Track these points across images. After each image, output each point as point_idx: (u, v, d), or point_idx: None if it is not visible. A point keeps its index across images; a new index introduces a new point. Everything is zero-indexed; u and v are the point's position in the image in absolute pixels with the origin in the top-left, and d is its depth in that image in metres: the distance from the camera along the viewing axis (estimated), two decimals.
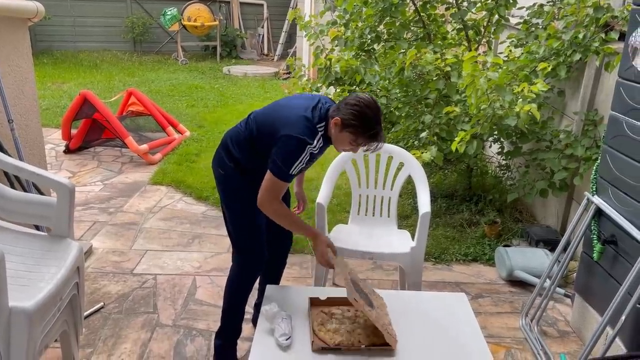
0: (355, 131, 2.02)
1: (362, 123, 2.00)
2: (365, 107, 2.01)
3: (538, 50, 3.35)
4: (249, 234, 2.32)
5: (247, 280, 2.42)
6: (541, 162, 3.40)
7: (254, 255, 2.36)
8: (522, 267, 3.22)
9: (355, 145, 2.08)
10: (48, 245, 2.10)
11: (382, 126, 2.10)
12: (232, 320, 2.44)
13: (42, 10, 2.83)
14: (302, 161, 2.04)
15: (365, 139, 2.05)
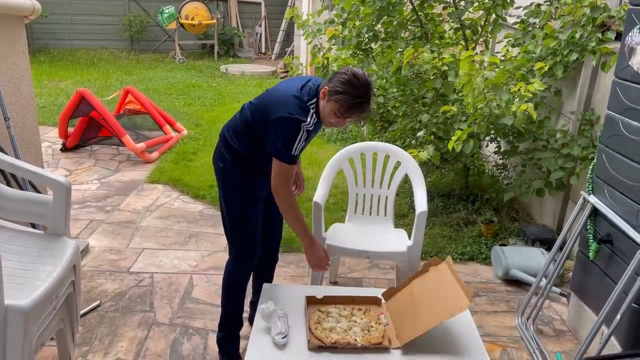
0: (340, 98, 2.00)
1: (347, 90, 1.99)
2: (353, 76, 2.00)
3: (535, 50, 3.35)
4: (244, 228, 2.34)
5: (241, 273, 2.44)
6: (538, 161, 3.41)
7: (247, 250, 2.38)
8: (518, 266, 3.23)
9: (340, 116, 2.05)
10: (44, 243, 2.10)
11: (371, 99, 2.07)
12: (232, 312, 2.47)
13: (39, 7, 2.82)
14: (300, 140, 2.04)
15: (348, 108, 2.02)
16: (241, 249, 2.39)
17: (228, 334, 2.49)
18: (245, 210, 2.30)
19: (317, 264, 2.31)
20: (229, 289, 2.46)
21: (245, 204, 2.29)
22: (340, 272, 3.29)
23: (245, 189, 2.27)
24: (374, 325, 2.05)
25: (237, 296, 2.47)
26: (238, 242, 2.40)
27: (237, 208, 2.33)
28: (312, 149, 5.57)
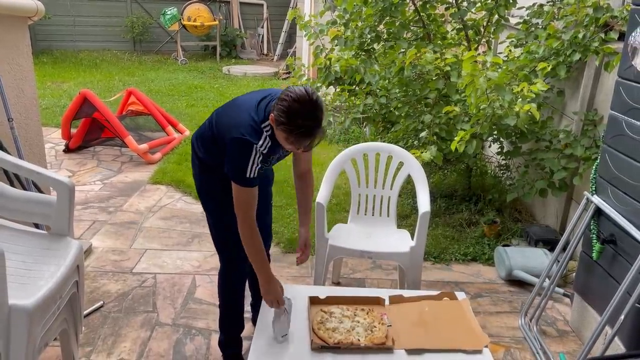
0: (285, 129, 1.83)
1: (290, 119, 1.81)
2: (293, 102, 1.80)
3: (538, 50, 3.35)
4: (226, 234, 2.25)
5: (234, 280, 2.39)
6: (540, 162, 3.40)
7: (234, 256, 2.28)
8: (521, 266, 3.22)
9: (289, 144, 1.89)
10: (48, 243, 2.10)
11: (322, 119, 1.86)
12: (230, 315, 2.45)
13: (42, 9, 2.83)
14: (253, 162, 1.92)
15: (295, 136, 1.84)
16: (227, 255, 2.33)
17: (229, 336, 2.47)
18: (225, 217, 2.18)
19: (272, 301, 2.10)
20: (224, 295, 2.43)
21: (222, 211, 2.19)
22: (342, 272, 3.29)
23: (220, 196, 2.16)
24: (377, 325, 2.05)
25: (233, 301, 2.42)
26: (222, 249, 2.33)
27: (216, 216, 2.28)
28: (315, 150, 5.55)
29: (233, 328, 2.46)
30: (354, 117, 3.85)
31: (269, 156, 2.02)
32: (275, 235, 3.73)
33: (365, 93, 3.90)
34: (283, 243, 3.64)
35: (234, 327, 2.47)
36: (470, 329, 2.07)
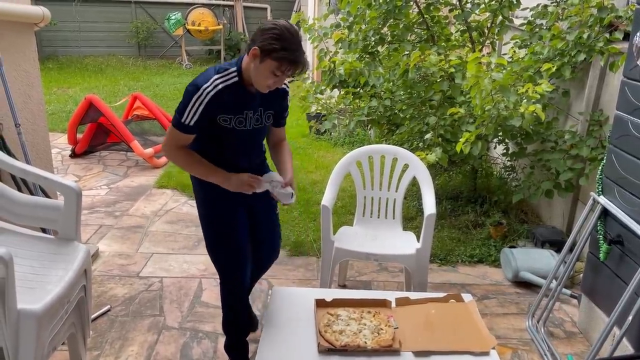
0: (279, 56, 1.85)
1: (284, 45, 1.85)
2: (285, 30, 1.87)
3: (542, 51, 3.34)
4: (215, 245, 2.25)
5: (231, 289, 2.34)
6: (546, 162, 3.40)
7: (224, 265, 2.28)
8: (527, 268, 3.21)
9: (280, 72, 1.89)
10: (55, 248, 2.12)
11: (303, 50, 1.92)
12: (232, 321, 2.44)
13: (48, 15, 2.86)
14: (194, 106, 1.92)
15: (289, 63, 1.87)
16: (219, 265, 2.29)
17: (233, 340, 2.46)
18: (209, 223, 2.21)
19: (242, 188, 2.05)
20: (225, 301, 2.39)
21: (208, 219, 2.21)
22: (348, 275, 3.29)
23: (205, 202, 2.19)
24: (384, 327, 2.05)
25: (234, 308, 2.40)
26: (214, 259, 2.29)
27: (203, 221, 2.25)
28: (319, 153, 5.59)
29: (237, 332, 2.46)
30: (359, 120, 3.86)
31: (214, 103, 1.94)
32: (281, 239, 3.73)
33: (369, 95, 3.90)
34: (289, 246, 3.64)
35: (238, 331, 2.46)
36: (477, 331, 2.06)
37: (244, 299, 2.45)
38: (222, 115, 1.99)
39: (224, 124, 2.01)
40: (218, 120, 2.00)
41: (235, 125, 2.02)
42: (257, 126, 2.11)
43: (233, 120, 2.01)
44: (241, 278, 2.28)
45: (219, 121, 2.01)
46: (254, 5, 11.77)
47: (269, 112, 2.14)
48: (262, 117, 2.12)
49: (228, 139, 2.08)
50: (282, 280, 3.25)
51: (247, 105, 2.03)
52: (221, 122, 2.01)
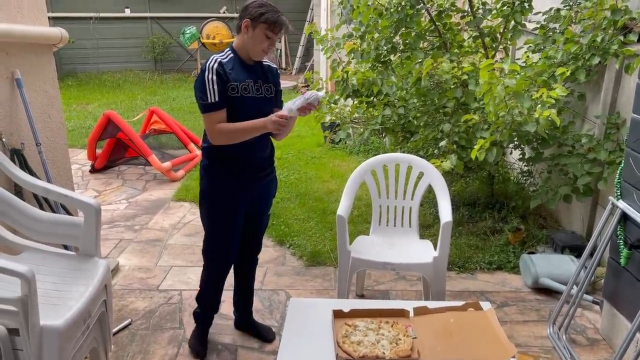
0: (266, 17, 2.16)
1: (269, 9, 2.18)
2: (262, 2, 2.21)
3: (556, 55, 3.32)
4: (208, 237, 2.52)
5: (212, 275, 2.64)
6: (564, 167, 3.36)
7: (217, 259, 2.58)
8: (547, 274, 3.17)
9: (272, 33, 2.18)
10: (76, 264, 2.16)
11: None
12: (206, 298, 2.72)
13: (66, 35, 2.93)
14: (209, 82, 2.16)
15: (276, 22, 2.18)
16: (210, 257, 2.59)
17: (203, 311, 2.74)
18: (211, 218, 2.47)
19: (276, 125, 2.25)
20: (202, 284, 2.70)
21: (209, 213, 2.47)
22: (366, 284, 3.29)
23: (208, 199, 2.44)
24: (402, 337, 2.04)
25: (209, 288, 2.69)
26: (206, 250, 2.58)
27: (205, 216, 2.50)
28: (335, 162, 5.60)
29: (208, 306, 2.74)
30: (373, 129, 3.86)
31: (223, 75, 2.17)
32: (298, 249, 3.75)
33: (383, 104, 3.91)
34: (306, 256, 3.65)
35: (209, 305, 2.74)
36: (497, 340, 2.04)
37: (224, 279, 2.66)
38: (231, 83, 2.21)
39: (233, 94, 2.22)
40: (228, 90, 2.21)
41: (242, 92, 2.24)
42: (259, 95, 2.33)
43: (239, 87, 2.23)
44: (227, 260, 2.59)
45: (229, 90, 2.21)
46: None
47: (267, 85, 2.37)
48: (262, 88, 2.34)
49: (240, 112, 2.26)
50: (299, 290, 3.26)
51: (248, 74, 2.28)
52: (230, 91, 2.21)
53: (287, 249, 3.80)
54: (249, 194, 2.45)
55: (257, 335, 2.80)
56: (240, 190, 2.41)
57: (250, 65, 2.30)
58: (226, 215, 2.43)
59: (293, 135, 6.62)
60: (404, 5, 3.80)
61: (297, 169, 5.39)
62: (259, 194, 2.52)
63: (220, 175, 2.39)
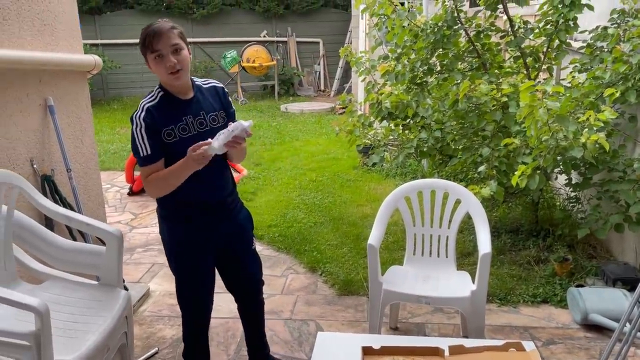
0: (141, 44, 1.99)
1: (144, 32, 1.99)
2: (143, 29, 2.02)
3: (604, 76, 3.13)
4: (180, 288, 2.34)
5: (190, 329, 2.42)
6: (614, 194, 3.14)
7: (189, 314, 2.40)
8: (598, 309, 2.94)
9: (154, 50, 1.97)
10: (97, 294, 2.12)
11: (158, 25, 2.01)
12: (188, 346, 2.46)
13: (100, 63, 2.96)
14: (138, 135, 2.00)
15: (148, 35, 1.97)
16: (184, 312, 2.39)
17: None
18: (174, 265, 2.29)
19: (198, 159, 1.95)
20: (184, 339, 2.46)
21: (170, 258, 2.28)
22: (401, 316, 3.13)
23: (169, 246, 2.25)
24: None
25: (196, 348, 2.45)
26: (180, 304, 2.39)
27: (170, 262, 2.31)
28: (370, 185, 5.48)
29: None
30: (408, 152, 3.74)
31: (174, 116, 2.02)
32: (330, 277, 3.64)
33: (418, 127, 3.78)
34: (338, 284, 3.53)
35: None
36: None
37: (203, 334, 2.47)
38: (165, 129, 2.01)
39: (169, 139, 2.02)
40: (164, 137, 2.01)
41: (180, 133, 2.03)
42: (202, 129, 2.09)
43: (175, 129, 2.03)
44: (200, 321, 2.40)
45: (165, 137, 2.02)
46: (307, 40, 11.98)
47: (212, 114, 2.14)
48: (206, 120, 2.11)
49: (184, 156, 1.99)
50: (330, 321, 3.14)
51: (184, 112, 2.06)
52: (166, 137, 2.02)
53: (319, 277, 3.69)
54: (216, 237, 2.24)
55: None
56: (201, 237, 2.20)
57: (185, 99, 2.08)
58: (191, 265, 2.25)
59: (328, 157, 6.56)
60: (440, 26, 3.70)
61: (332, 192, 5.30)
62: (229, 234, 2.29)
63: (175, 222, 2.18)
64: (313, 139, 7.67)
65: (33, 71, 2.55)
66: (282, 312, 3.24)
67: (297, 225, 4.49)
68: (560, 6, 3.44)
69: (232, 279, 2.47)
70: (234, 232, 2.31)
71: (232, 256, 2.37)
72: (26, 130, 2.50)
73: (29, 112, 2.52)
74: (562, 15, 3.46)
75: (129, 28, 11.10)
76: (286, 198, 5.17)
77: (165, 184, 2.03)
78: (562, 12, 3.44)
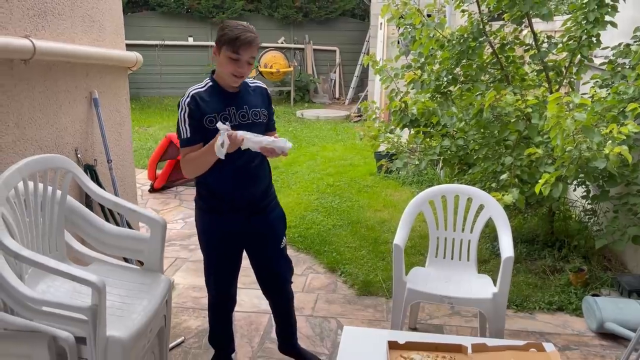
0: (226, 38, 2.05)
1: (229, 29, 2.06)
2: (227, 21, 2.11)
3: (627, 91, 3.21)
4: (207, 272, 2.48)
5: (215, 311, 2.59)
6: (632, 207, 3.21)
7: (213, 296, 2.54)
8: (614, 319, 3.00)
9: (235, 54, 2.05)
10: (140, 278, 2.22)
11: (251, 29, 2.11)
12: (214, 334, 2.64)
13: (141, 59, 3.08)
14: (182, 118, 2.12)
15: (237, 40, 2.04)
16: (208, 291, 2.54)
17: (217, 352, 2.66)
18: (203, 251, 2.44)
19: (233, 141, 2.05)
20: (210, 321, 2.63)
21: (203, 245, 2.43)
22: (419, 318, 3.21)
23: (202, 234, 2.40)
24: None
25: (217, 328, 2.62)
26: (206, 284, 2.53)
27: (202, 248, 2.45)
28: (387, 191, 5.57)
29: (219, 346, 2.66)
30: (430, 159, 3.83)
31: (218, 105, 2.15)
32: (349, 277, 3.72)
33: (441, 135, 3.88)
34: (357, 285, 3.61)
35: (220, 345, 2.66)
36: None
37: (227, 320, 2.63)
38: (207, 116, 2.13)
39: (210, 126, 2.12)
40: (205, 123, 2.13)
41: (221, 121, 2.12)
42: (244, 122, 2.21)
43: (217, 117, 2.14)
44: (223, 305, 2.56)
45: (206, 123, 2.13)
46: (324, 48, 12.13)
47: (255, 109, 2.26)
48: (249, 114, 2.24)
49: None
50: (351, 319, 3.22)
51: (228, 103, 2.19)
52: (207, 123, 2.13)
53: (339, 277, 3.77)
54: (244, 232, 2.36)
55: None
56: (228, 229, 2.32)
57: (231, 92, 2.20)
58: (216, 252, 2.39)
59: (345, 163, 6.66)
60: (466, 37, 3.80)
61: (349, 197, 5.39)
62: (258, 231, 2.40)
63: (207, 212, 2.35)
64: (329, 145, 7.77)
65: (81, 65, 2.67)
66: (304, 309, 3.32)
67: (316, 227, 4.58)
68: (584, 22, 3.53)
69: (257, 275, 2.59)
70: (262, 230, 2.41)
71: (259, 253, 2.49)
72: (73, 121, 2.62)
73: (76, 104, 2.64)
74: (585, 32, 3.55)
75: (149, 29, 11.29)
76: (305, 201, 5.27)
77: (198, 163, 2.16)
78: (585, 28, 3.54)
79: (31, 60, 2.17)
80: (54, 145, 2.47)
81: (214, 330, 2.63)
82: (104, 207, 2.80)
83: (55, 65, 2.46)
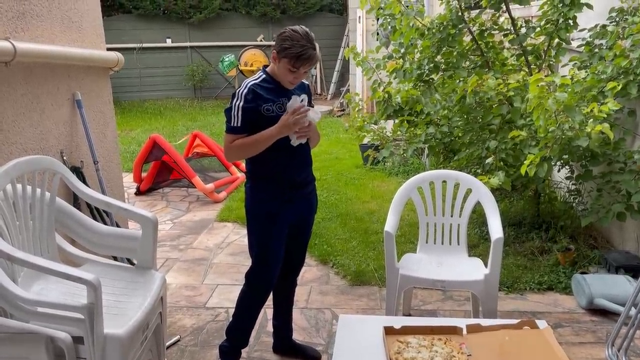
0: (288, 53, 2.14)
1: (292, 44, 2.13)
2: (292, 31, 2.16)
3: (605, 70, 3.27)
4: (256, 253, 2.48)
5: (252, 299, 2.57)
6: (616, 184, 3.28)
7: (260, 280, 2.53)
8: (602, 294, 3.07)
9: (294, 68, 2.17)
10: (134, 276, 2.21)
11: (314, 47, 2.18)
12: (239, 327, 2.60)
13: (122, 60, 3.06)
14: (236, 108, 2.24)
15: (297, 58, 2.14)
16: (254, 272, 2.53)
17: (231, 345, 2.61)
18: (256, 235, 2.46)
19: (290, 126, 2.24)
20: (239, 305, 2.60)
21: (255, 228, 2.45)
22: (413, 304, 3.24)
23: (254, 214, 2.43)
24: (457, 355, 2.00)
25: (245, 313, 2.59)
26: (253, 266, 2.53)
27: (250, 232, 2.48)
28: (374, 183, 5.60)
29: (238, 339, 2.62)
30: (416, 147, 3.86)
31: (273, 95, 2.27)
32: (341, 268, 3.74)
33: (425, 123, 3.91)
34: (350, 275, 3.63)
35: (239, 340, 2.62)
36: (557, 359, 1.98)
37: (260, 304, 2.60)
38: (264, 105, 2.26)
39: (268, 113, 2.26)
40: (262, 111, 2.26)
41: (277, 111, 2.27)
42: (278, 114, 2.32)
43: (274, 106, 2.27)
44: (268, 284, 2.54)
45: (264, 111, 2.26)
46: None
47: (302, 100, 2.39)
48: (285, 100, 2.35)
49: None
50: (345, 309, 3.24)
51: (281, 94, 2.31)
52: (265, 111, 2.26)
53: (331, 268, 3.79)
54: (293, 211, 2.45)
55: (302, 356, 2.76)
56: (283, 209, 2.41)
57: (282, 85, 2.35)
58: (270, 234, 2.43)
59: (331, 157, 6.68)
60: (445, 25, 3.83)
61: (337, 190, 5.41)
62: (302, 209, 2.53)
63: (261, 195, 2.40)
64: None
65: (62, 66, 2.64)
66: (298, 302, 3.32)
67: None
68: (561, 5, 3.59)
69: (289, 251, 2.57)
70: (306, 208, 2.55)
71: (298, 229, 2.55)
72: (57, 123, 2.60)
73: (59, 106, 2.61)
74: (562, 14, 3.61)
75: (126, 33, 11.17)
76: None
77: (250, 148, 2.29)
78: (562, 11, 3.60)
79: (12, 62, 2.15)
80: (39, 148, 2.45)
81: (245, 324, 2.62)
82: (92, 209, 2.78)
83: (36, 67, 2.44)
